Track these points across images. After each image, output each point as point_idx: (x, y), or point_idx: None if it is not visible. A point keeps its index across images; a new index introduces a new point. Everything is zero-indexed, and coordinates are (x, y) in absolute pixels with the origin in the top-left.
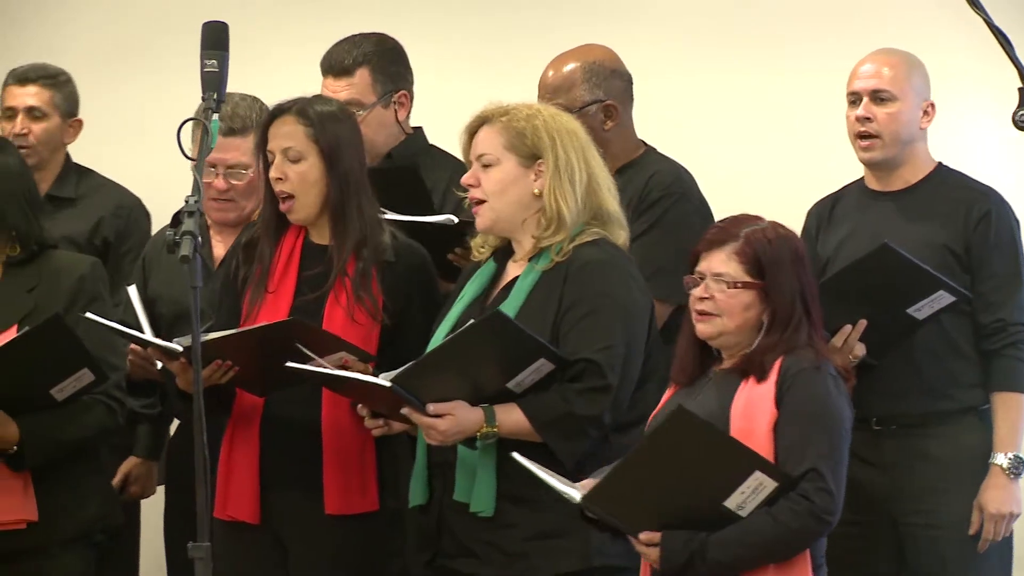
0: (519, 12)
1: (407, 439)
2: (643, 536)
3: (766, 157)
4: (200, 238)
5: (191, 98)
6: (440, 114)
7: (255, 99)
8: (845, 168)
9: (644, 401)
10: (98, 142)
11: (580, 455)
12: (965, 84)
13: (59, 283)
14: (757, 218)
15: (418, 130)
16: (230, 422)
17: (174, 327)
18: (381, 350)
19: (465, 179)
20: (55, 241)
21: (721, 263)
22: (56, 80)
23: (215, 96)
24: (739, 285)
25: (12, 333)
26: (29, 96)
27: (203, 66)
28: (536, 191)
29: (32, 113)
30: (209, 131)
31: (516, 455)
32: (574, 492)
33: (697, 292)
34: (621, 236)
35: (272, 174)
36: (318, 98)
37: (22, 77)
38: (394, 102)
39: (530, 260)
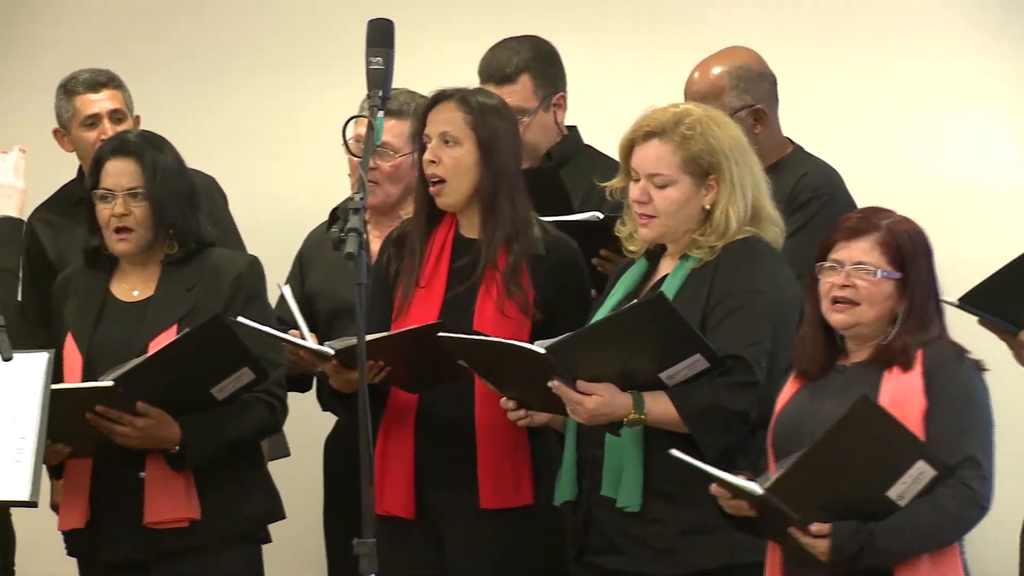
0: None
1: (557, 437)
2: (814, 528)
3: (914, 154)
4: (364, 235)
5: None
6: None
7: (414, 92)
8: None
9: None
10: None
11: (722, 448)
12: None
13: (218, 282)
14: (891, 211)
15: (573, 130)
16: (384, 419)
17: (332, 323)
18: None
19: (635, 196)
20: (213, 239)
21: (863, 252)
22: (119, 81)
23: (380, 93)
24: (883, 275)
25: (172, 333)
26: (107, 100)
27: (368, 63)
28: (706, 205)
29: (115, 116)
30: (375, 128)
31: (675, 452)
32: (754, 485)
33: (837, 280)
34: (772, 232)
35: (426, 156)
36: (481, 90)
37: (91, 83)
38: (553, 104)
39: (680, 258)
